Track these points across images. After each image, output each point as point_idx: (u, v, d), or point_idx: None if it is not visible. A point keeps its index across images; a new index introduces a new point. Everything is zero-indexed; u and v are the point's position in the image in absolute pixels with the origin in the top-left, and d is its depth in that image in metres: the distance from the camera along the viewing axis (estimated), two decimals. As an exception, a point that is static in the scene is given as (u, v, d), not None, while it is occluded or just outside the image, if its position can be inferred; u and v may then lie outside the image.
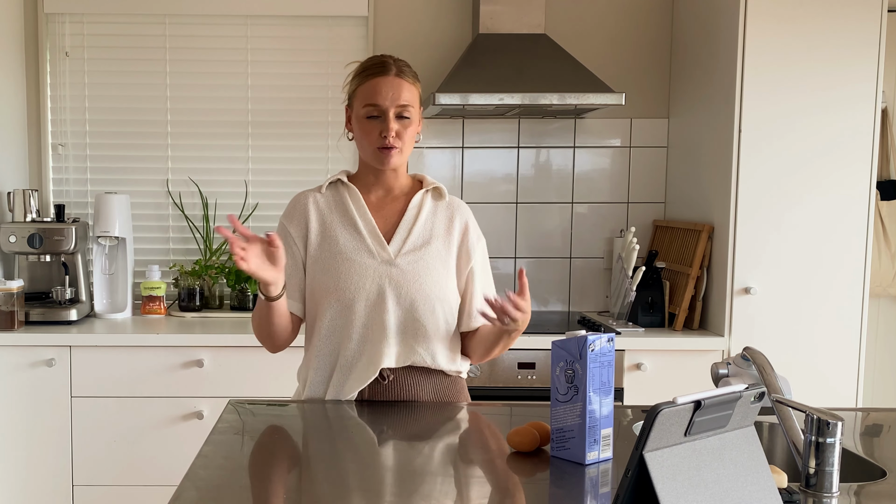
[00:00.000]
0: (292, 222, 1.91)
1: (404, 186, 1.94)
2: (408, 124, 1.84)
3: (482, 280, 1.94)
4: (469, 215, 1.96)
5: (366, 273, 1.83)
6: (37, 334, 2.84)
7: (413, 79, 1.87)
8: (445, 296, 1.86)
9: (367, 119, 1.83)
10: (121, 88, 3.38)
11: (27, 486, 2.89)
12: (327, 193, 1.93)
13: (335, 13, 3.37)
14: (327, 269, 1.85)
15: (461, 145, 3.45)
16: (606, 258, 3.48)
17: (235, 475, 1.42)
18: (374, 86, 1.83)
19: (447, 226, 1.91)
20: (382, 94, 1.82)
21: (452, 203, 1.96)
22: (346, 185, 1.93)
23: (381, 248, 1.86)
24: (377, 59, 1.88)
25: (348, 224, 1.88)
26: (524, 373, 2.89)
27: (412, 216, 1.90)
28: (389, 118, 1.82)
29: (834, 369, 2.90)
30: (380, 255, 1.85)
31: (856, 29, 2.81)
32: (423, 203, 1.92)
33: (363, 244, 1.86)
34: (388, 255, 1.85)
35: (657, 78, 3.45)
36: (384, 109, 1.82)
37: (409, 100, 1.83)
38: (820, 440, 1.28)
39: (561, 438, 1.46)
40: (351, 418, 1.77)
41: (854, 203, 2.87)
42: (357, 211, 1.89)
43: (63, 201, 3.36)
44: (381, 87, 1.82)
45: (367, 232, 1.87)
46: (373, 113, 1.83)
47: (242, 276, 3.21)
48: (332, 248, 1.86)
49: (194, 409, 2.87)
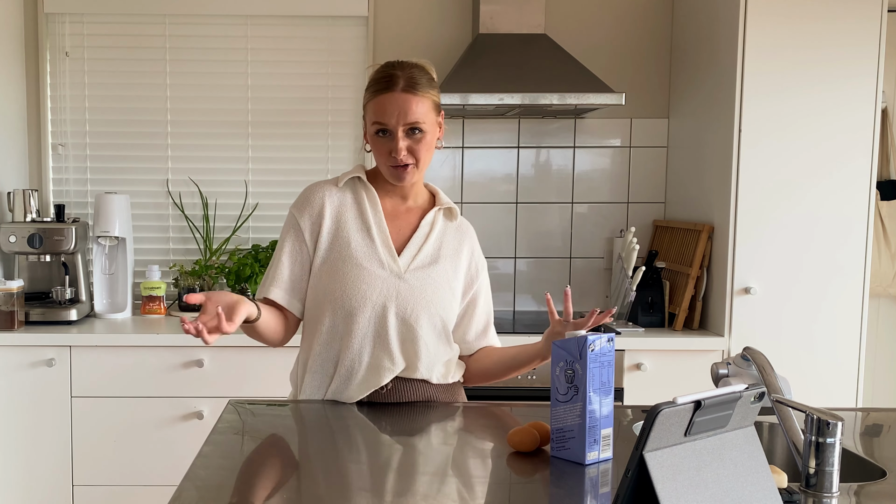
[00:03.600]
0: (304, 215, 1.84)
1: (419, 198, 1.90)
2: (420, 139, 1.77)
3: (484, 305, 1.96)
4: (475, 239, 1.96)
5: (374, 283, 1.79)
6: (37, 334, 2.84)
7: (425, 89, 1.77)
8: (449, 316, 1.86)
9: (377, 136, 1.78)
10: (121, 88, 3.38)
11: (27, 486, 2.89)
12: (344, 189, 1.87)
13: (335, 13, 3.37)
14: (335, 272, 1.80)
15: (461, 145, 3.45)
16: (606, 258, 3.48)
17: (235, 475, 1.42)
18: (382, 103, 1.76)
19: (456, 248, 1.89)
20: (388, 113, 1.75)
21: (462, 226, 1.94)
22: (365, 185, 1.87)
23: (393, 259, 1.82)
24: (384, 73, 1.79)
25: (362, 228, 1.84)
26: (524, 373, 2.88)
27: (424, 233, 1.87)
28: (398, 137, 1.76)
29: (834, 369, 2.90)
30: (390, 266, 1.81)
31: (856, 29, 2.82)
32: (436, 221, 1.89)
33: (375, 253, 1.82)
34: (399, 268, 1.81)
35: (657, 78, 3.45)
36: (392, 128, 1.76)
37: (418, 115, 1.75)
38: (820, 440, 1.28)
39: (561, 438, 1.46)
40: (351, 418, 1.76)
41: (854, 203, 2.87)
42: (373, 216, 1.85)
43: (63, 201, 3.37)
44: (387, 106, 1.75)
45: (381, 241, 1.83)
46: (381, 129, 1.77)
47: (242, 276, 3.21)
48: (342, 252, 1.81)
49: (194, 409, 2.87)
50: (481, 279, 1.94)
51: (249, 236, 3.45)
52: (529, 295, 3.49)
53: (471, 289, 1.92)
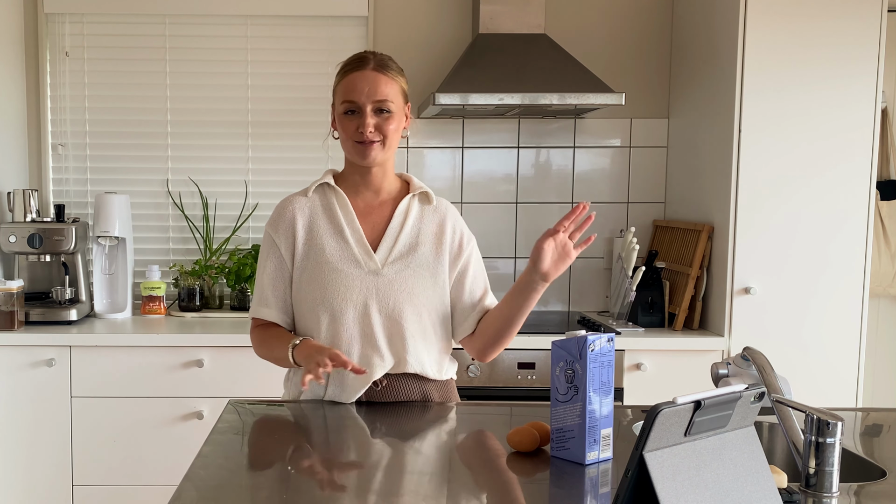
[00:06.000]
0: (278, 232, 1.87)
1: (391, 189, 1.91)
2: (388, 118, 1.80)
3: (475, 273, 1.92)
4: (457, 217, 1.93)
5: (352, 284, 1.81)
6: (37, 334, 2.84)
7: (395, 73, 1.83)
8: (432, 303, 1.85)
9: (346, 115, 1.81)
10: (121, 88, 3.38)
11: (27, 486, 2.88)
12: (314, 197, 1.89)
13: (335, 13, 3.37)
14: (313, 280, 1.82)
15: (461, 145, 3.45)
16: (606, 258, 3.48)
17: (235, 475, 1.42)
18: (351, 81, 1.80)
19: (437, 231, 1.88)
20: (359, 89, 1.78)
21: (440, 206, 1.92)
22: (334, 189, 1.89)
23: (368, 257, 1.83)
24: (357, 55, 1.84)
25: (335, 231, 1.85)
26: (524, 373, 2.89)
27: (399, 223, 1.87)
28: (366, 113, 1.78)
29: (834, 369, 2.90)
30: (367, 264, 1.82)
31: (856, 29, 2.82)
32: (410, 209, 1.89)
33: (350, 253, 1.83)
34: (376, 264, 1.82)
35: (657, 78, 3.45)
36: (360, 105, 1.79)
37: (387, 94, 1.79)
38: (820, 440, 1.28)
39: (561, 438, 1.46)
40: (350, 418, 1.77)
41: (854, 203, 2.87)
42: (345, 217, 1.86)
43: (63, 201, 3.36)
44: (357, 82, 1.79)
45: (355, 241, 1.84)
46: (350, 108, 1.80)
47: (242, 276, 3.21)
48: (318, 258, 1.83)
49: (194, 409, 2.87)
50: (468, 250, 1.91)
51: (249, 236, 3.45)
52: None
53: (458, 261, 1.89)
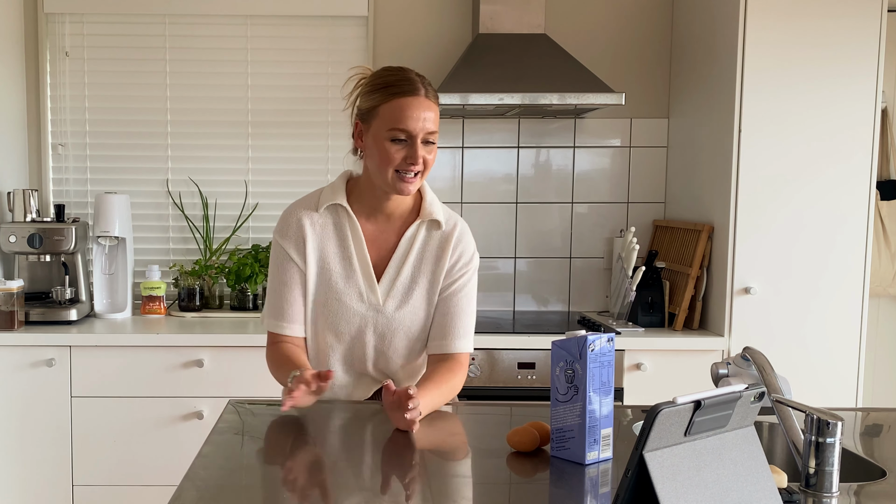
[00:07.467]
0: (289, 241, 1.81)
1: (404, 209, 1.84)
2: (432, 150, 1.72)
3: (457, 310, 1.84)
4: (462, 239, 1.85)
5: (353, 318, 1.82)
6: (37, 334, 2.84)
7: (437, 99, 1.74)
8: (424, 336, 1.86)
9: (392, 142, 1.69)
10: (121, 88, 3.38)
11: (27, 486, 2.88)
12: (325, 214, 1.82)
13: (335, 13, 3.37)
14: (324, 303, 1.83)
15: (461, 145, 3.45)
16: (606, 258, 3.48)
17: (235, 475, 1.42)
18: (403, 107, 1.68)
19: (438, 254, 1.83)
20: (413, 119, 1.67)
21: (448, 226, 1.84)
22: (347, 213, 1.82)
23: (371, 290, 1.81)
24: (403, 76, 1.72)
25: (343, 257, 1.82)
26: (524, 373, 2.89)
27: (404, 251, 1.83)
28: (418, 145, 1.69)
29: (834, 369, 2.90)
30: (369, 299, 1.82)
31: (856, 29, 2.82)
32: (417, 235, 1.83)
33: (354, 284, 1.81)
34: (377, 299, 1.81)
35: (657, 78, 3.45)
36: (414, 135, 1.68)
37: (436, 125, 1.71)
38: (820, 440, 1.28)
39: (561, 438, 1.46)
40: (350, 418, 1.77)
41: (854, 203, 2.87)
42: (354, 244, 1.82)
43: (63, 201, 3.36)
44: (411, 111, 1.68)
45: (361, 269, 1.81)
46: (399, 136, 1.69)
47: (242, 276, 3.21)
48: (327, 282, 1.81)
49: (194, 409, 2.87)
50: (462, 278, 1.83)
51: (249, 236, 3.45)
52: (529, 295, 3.49)
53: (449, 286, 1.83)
